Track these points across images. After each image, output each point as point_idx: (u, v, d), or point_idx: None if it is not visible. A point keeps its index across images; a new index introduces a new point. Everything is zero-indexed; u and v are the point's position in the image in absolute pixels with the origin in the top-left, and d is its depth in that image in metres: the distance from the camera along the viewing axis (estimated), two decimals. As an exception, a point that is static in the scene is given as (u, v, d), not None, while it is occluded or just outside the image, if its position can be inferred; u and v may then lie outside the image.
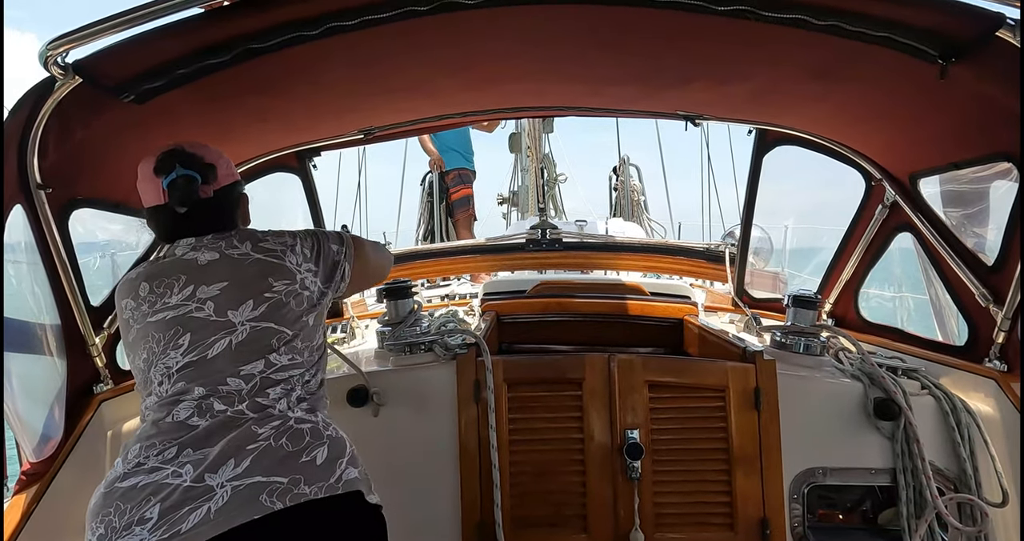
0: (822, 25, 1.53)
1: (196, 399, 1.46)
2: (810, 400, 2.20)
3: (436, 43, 1.76)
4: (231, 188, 1.70)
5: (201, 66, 1.62)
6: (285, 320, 1.56)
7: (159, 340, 1.51)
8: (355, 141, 2.82)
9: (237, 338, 1.51)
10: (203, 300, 1.53)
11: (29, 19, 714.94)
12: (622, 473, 2.16)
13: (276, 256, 1.61)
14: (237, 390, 1.47)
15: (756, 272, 3.50)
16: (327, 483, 1.39)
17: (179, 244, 1.63)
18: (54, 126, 1.68)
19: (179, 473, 1.36)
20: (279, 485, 1.35)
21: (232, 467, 1.36)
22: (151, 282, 1.58)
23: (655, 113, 2.78)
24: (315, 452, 1.43)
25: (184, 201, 1.57)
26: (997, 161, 1.99)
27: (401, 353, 2.39)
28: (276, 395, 1.50)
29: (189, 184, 1.57)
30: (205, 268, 1.57)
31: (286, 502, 1.34)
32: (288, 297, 1.58)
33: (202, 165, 1.60)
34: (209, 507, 1.31)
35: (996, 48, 1.51)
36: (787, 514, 2.15)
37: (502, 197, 8.25)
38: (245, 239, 1.63)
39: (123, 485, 1.37)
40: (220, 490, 1.33)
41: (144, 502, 1.32)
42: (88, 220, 2.04)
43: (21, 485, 1.88)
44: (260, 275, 1.57)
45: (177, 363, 1.49)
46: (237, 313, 1.53)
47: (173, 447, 1.40)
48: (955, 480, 2.08)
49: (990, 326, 2.12)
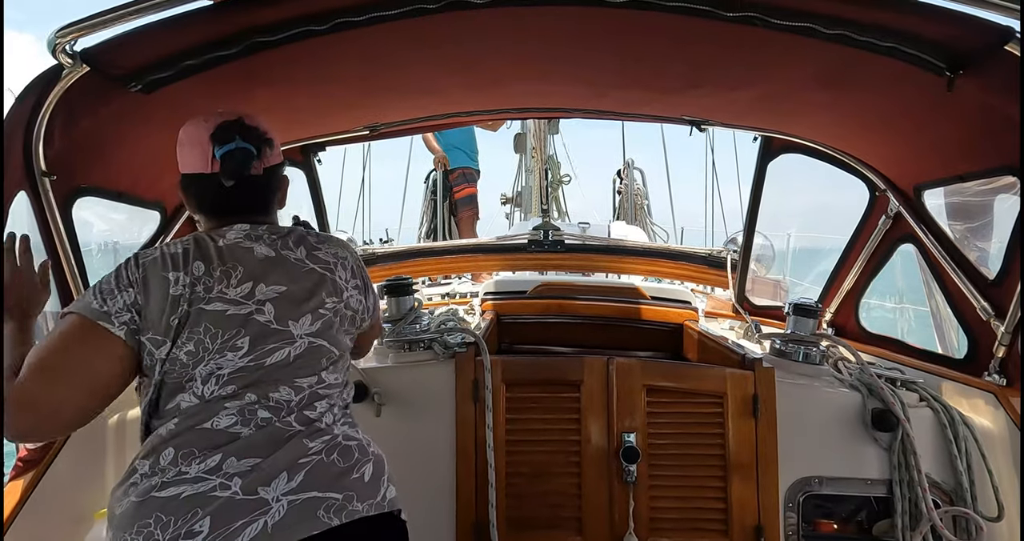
0: (830, 34, 1.53)
1: (242, 406, 1.38)
2: (808, 409, 2.20)
3: (444, 41, 1.76)
4: (278, 168, 1.64)
5: (209, 58, 1.63)
6: (334, 340, 1.53)
7: (215, 336, 1.40)
8: (360, 137, 2.82)
9: (296, 351, 1.46)
10: (262, 302, 1.45)
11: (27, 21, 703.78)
12: (618, 476, 2.16)
13: (328, 269, 1.57)
14: (286, 401, 1.42)
15: (757, 279, 3.50)
16: (375, 501, 1.38)
17: (232, 228, 1.53)
18: (60, 114, 1.68)
19: (227, 485, 1.29)
20: (335, 501, 1.33)
21: (286, 481, 1.32)
22: (205, 263, 1.45)
23: (661, 117, 2.78)
24: (363, 469, 1.41)
25: (235, 174, 1.49)
26: (1002, 174, 1.98)
27: (400, 350, 2.39)
28: (322, 409, 1.46)
29: (246, 157, 1.49)
30: (263, 264, 1.49)
31: (342, 518, 1.32)
32: (335, 316, 1.54)
33: (261, 140, 1.53)
34: (266, 521, 1.26)
35: (1004, 61, 1.50)
36: (782, 522, 2.15)
37: (505, 197, 8.25)
38: (300, 242, 1.57)
39: (163, 495, 1.28)
40: (276, 504, 1.28)
41: (192, 515, 1.25)
42: (91, 208, 2.05)
43: (18, 471, 1.88)
44: (314, 288, 1.52)
45: (233, 366, 1.40)
46: (297, 325, 1.47)
47: (216, 455, 1.32)
48: (951, 493, 2.07)
49: (990, 340, 2.11)
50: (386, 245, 6.07)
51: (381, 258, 3.94)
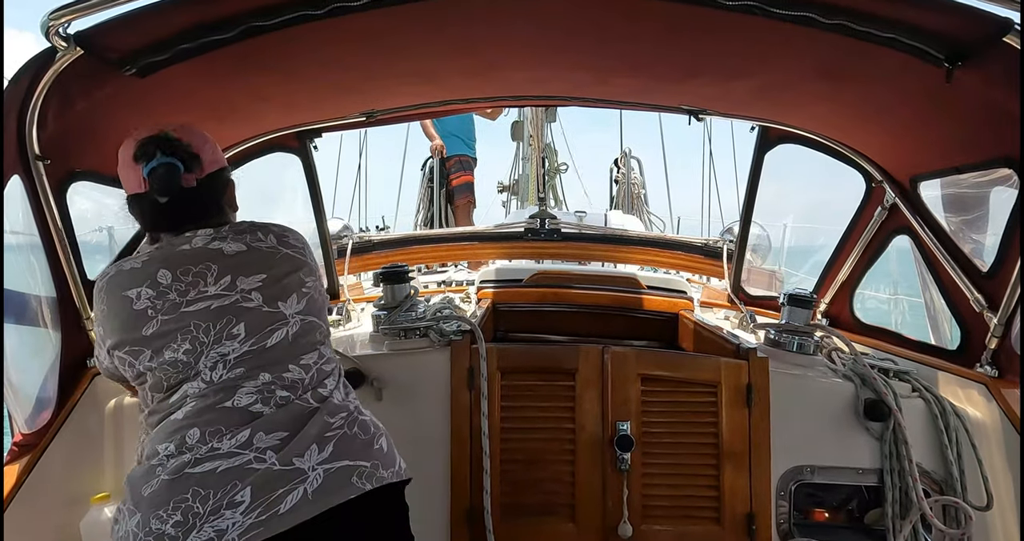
0: (830, 24, 1.52)
1: (260, 386, 1.44)
2: (801, 398, 2.21)
3: (442, 27, 1.75)
4: (216, 175, 1.61)
5: (205, 42, 1.61)
6: (321, 316, 1.60)
7: (208, 329, 1.45)
8: (357, 123, 2.81)
9: (292, 329, 1.52)
10: (247, 291, 1.50)
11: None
12: (612, 464, 2.17)
13: (300, 252, 1.62)
14: (299, 379, 1.49)
15: (753, 269, 3.51)
16: (394, 469, 1.49)
17: (197, 234, 1.55)
18: (54, 97, 1.67)
19: (262, 458, 1.36)
20: (365, 468, 1.42)
21: (317, 452, 1.40)
22: (172, 270, 1.49)
23: (659, 106, 2.77)
24: (381, 441, 1.51)
25: (165, 191, 1.50)
26: (998, 167, 1.98)
27: (396, 337, 2.39)
28: (331, 386, 1.54)
29: (170, 173, 1.50)
30: (236, 259, 1.52)
31: (373, 484, 1.42)
32: (317, 294, 1.61)
33: (185, 152, 1.53)
34: (305, 489, 1.34)
35: (1003, 53, 1.50)
36: (774, 510, 2.17)
37: (502, 185, 8.23)
38: (267, 233, 1.60)
39: (197, 471, 1.34)
40: (312, 473, 1.36)
41: (231, 487, 1.31)
42: (86, 192, 2.03)
43: (13, 456, 1.88)
44: (292, 270, 1.58)
45: (235, 351, 1.45)
46: (287, 305, 1.53)
47: (244, 431, 1.38)
48: (941, 482, 2.09)
49: (983, 331, 2.13)
50: (382, 232, 6.06)
51: (377, 245, 3.93)
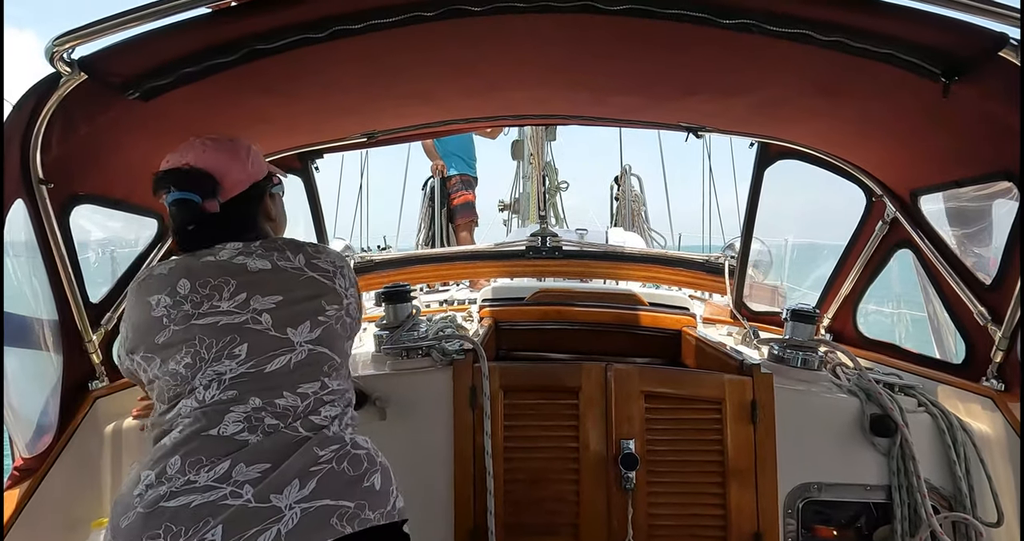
0: (827, 40, 1.53)
1: (248, 412, 1.40)
2: (806, 414, 2.20)
3: (441, 48, 1.76)
4: (246, 194, 1.63)
5: (207, 66, 1.63)
6: (335, 347, 1.55)
7: (211, 345, 1.44)
8: (358, 144, 2.83)
9: (296, 357, 1.47)
10: (259, 312, 1.48)
11: (31, 18, 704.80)
12: (616, 483, 2.15)
13: (327, 277, 1.58)
14: (292, 406, 1.43)
15: (755, 285, 3.50)
16: (386, 510, 1.40)
17: (226, 247, 1.56)
18: (58, 122, 1.68)
19: (238, 493, 1.29)
20: (347, 509, 1.33)
21: (298, 488, 1.32)
22: (192, 280, 1.49)
23: (658, 124, 2.79)
24: (372, 478, 1.42)
25: (186, 222, 1.55)
26: (998, 180, 1.99)
27: (398, 357, 2.39)
28: (329, 415, 1.47)
29: (186, 207, 1.54)
30: (257, 277, 1.51)
31: (355, 527, 1.32)
32: (337, 323, 1.56)
33: (202, 183, 1.55)
34: (279, 529, 1.26)
35: (999, 67, 1.51)
36: (781, 529, 2.14)
37: (503, 204, 8.25)
38: (297, 252, 1.59)
39: (171, 505, 1.28)
40: (289, 512, 1.28)
41: (203, 524, 1.25)
42: (89, 216, 2.04)
43: (14, 480, 1.87)
44: (313, 295, 1.54)
45: (232, 371, 1.43)
46: (296, 333, 1.49)
47: (224, 463, 1.33)
48: (950, 499, 2.07)
49: (988, 345, 2.11)
50: (384, 252, 6.07)
51: (379, 265, 3.93)
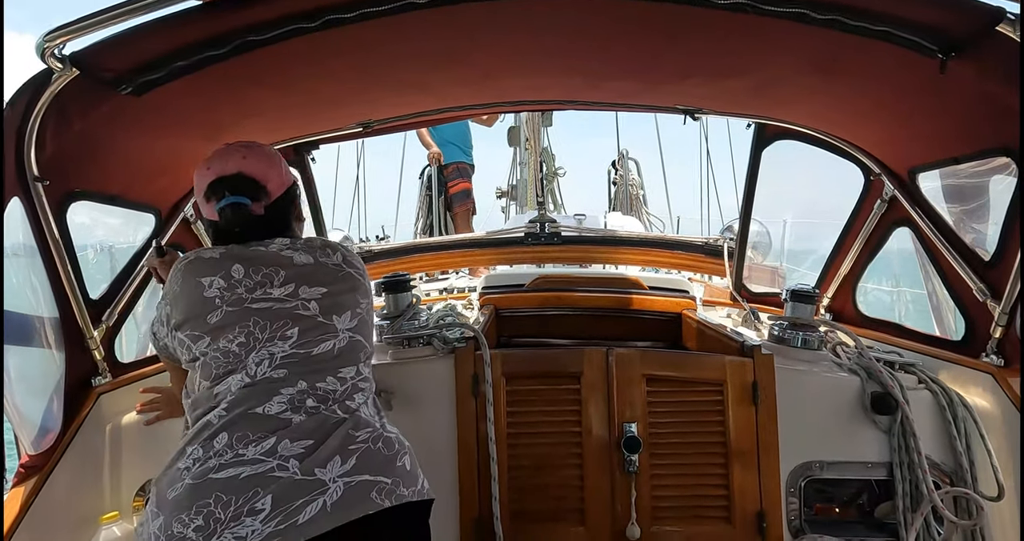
0: (823, 19, 1.52)
1: (292, 394, 1.49)
2: (808, 394, 2.21)
3: (435, 36, 1.75)
4: (283, 197, 1.73)
5: (199, 59, 1.62)
6: (368, 336, 1.67)
7: (265, 327, 1.54)
8: (354, 134, 2.81)
9: (340, 343, 1.59)
10: (307, 300, 1.58)
11: (27, 19, 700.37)
12: (620, 467, 2.17)
13: (360, 274, 1.72)
14: (332, 390, 1.53)
15: (754, 266, 3.50)
16: (416, 488, 1.49)
17: (274, 241, 1.67)
18: (51, 118, 1.67)
19: (285, 466, 1.38)
20: (385, 484, 1.43)
21: (340, 464, 1.41)
22: (246, 266, 1.59)
23: (654, 107, 2.77)
24: (404, 459, 1.52)
25: (235, 225, 1.64)
26: (996, 156, 1.98)
27: (399, 346, 2.39)
28: (360, 401, 1.57)
29: (239, 211, 1.63)
30: (303, 270, 1.62)
31: (392, 501, 1.42)
32: (368, 316, 1.69)
33: (253, 188, 1.65)
34: (324, 501, 1.35)
35: (996, 43, 1.50)
36: (784, 507, 2.16)
37: (501, 191, 8.22)
38: (335, 251, 1.71)
39: (221, 476, 1.37)
40: (333, 485, 1.38)
41: (253, 494, 1.34)
42: (86, 212, 2.04)
43: (20, 478, 1.88)
44: (351, 289, 1.66)
45: (283, 352, 1.53)
46: (340, 320, 1.61)
47: (271, 439, 1.42)
48: (951, 474, 2.09)
49: (987, 321, 2.12)
50: (382, 242, 6.06)
51: (378, 255, 3.93)
